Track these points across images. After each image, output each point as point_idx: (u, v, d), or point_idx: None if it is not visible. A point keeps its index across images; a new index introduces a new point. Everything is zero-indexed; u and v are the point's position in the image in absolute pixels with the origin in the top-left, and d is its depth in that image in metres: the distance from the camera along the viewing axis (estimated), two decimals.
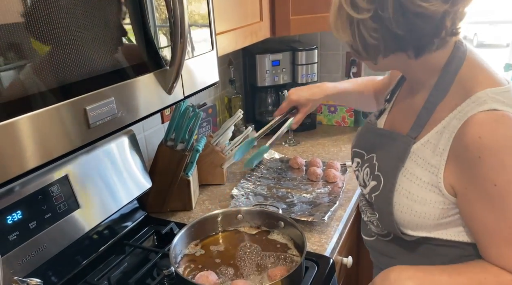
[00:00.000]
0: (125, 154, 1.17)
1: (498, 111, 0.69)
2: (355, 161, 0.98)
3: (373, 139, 0.92)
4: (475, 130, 0.69)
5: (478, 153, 0.69)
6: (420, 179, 0.78)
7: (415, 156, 0.80)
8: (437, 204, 0.78)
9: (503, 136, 0.68)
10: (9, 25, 0.55)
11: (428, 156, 0.77)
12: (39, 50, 0.59)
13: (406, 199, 0.80)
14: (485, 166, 0.69)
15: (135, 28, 0.76)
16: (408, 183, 0.80)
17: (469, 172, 0.71)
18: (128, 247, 1.15)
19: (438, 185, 0.76)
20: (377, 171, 0.86)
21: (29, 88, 0.58)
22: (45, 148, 0.62)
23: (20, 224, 0.87)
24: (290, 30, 1.55)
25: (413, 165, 0.80)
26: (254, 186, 1.48)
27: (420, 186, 0.79)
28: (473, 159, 0.69)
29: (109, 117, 0.70)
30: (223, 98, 1.93)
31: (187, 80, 0.91)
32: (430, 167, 0.77)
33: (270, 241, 1.08)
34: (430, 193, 0.78)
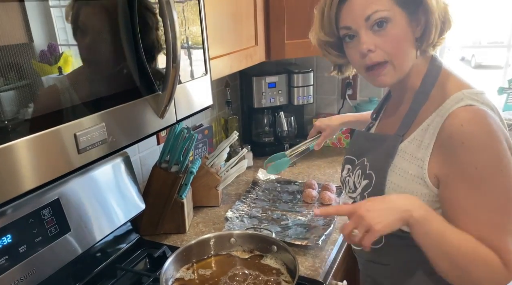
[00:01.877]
0: (118, 176, 1.17)
1: (474, 106, 0.78)
2: (346, 168, 1.01)
3: (364, 144, 0.98)
4: (457, 119, 0.77)
5: (461, 139, 0.75)
6: (407, 172, 0.84)
7: (403, 152, 0.86)
8: (423, 196, 0.82)
9: (482, 124, 0.75)
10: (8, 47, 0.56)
11: (414, 151, 0.84)
12: (39, 71, 0.60)
13: (394, 192, 0.85)
14: (467, 150, 0.75)
15: (127, 53, 0.78)
16: (397, 177, 0.85)
17: (451, 158, 0.77)
18: (120, 270, 1.13)
19: (423, 176, 0.81)
20: (369, 170, 0.90)
21: (19, 114, 0.59)
22: (34, 173, 0.62)
23: (9, 248, 0.86)
24: (285, 54, 1.57)
25: (401, 161, 0.86)
26: (249, 209, 1.47)
27: (407, 179, 0.84)
28: (456, 145, 0.76)
29: (99, 142, 0.71)
30: (220, 119, 1.94)
31: (180, 104, 0.92)
32: (416, 160, 0.83)
33: (263, 265, 1.06)
34: (416, 185, 0.83)
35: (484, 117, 0.76)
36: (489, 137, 0.75)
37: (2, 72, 0.56)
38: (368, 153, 0.94)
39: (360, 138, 1.02)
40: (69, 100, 0.66)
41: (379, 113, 1.06)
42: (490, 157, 0.75)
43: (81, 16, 0.67)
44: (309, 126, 2.13)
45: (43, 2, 0.61)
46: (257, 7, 1.46)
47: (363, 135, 1.02)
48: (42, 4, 0.61)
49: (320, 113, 2.15)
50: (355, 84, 2.03)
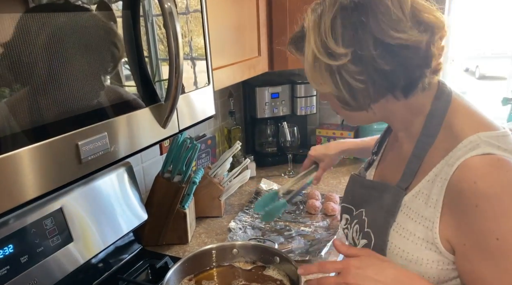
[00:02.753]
0: (121, 186, 1.17)
1: (492, 155, 0.63)
2: (344, 218, 0.89)
3: (362, 192, 0.85)
4: (470, 174, 0.62)
5: (475, 200, 0.61)
6: (414, 235, 0.70)
7: (407, 209, 0.72)
8: (435, 264, 0.68)
9: (501, 181, 0.61)
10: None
11: (420, 208, 0.70)
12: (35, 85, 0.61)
13: (400, 258, 0.71)
14: (484, 216, 0.61)
15: (130, 63, 0.78)
16: (401, 240, 0.71)
17: (466, 225, 0.63)
18: (122, 281, 1.13)
19: (434, 241, 0.68)
20: (367, 228, 0.78)
21: (21, 123, 0.59)
22: (36, 183, 0.62)
23: (11, 258, 0.86)
24: (287, 64, 1.58)
25: (405, 219, 0.72)
26: (252, 219, 1.46)
27: (415, 243, 0.70)
28: (470, 208, 0.62)
29: (101, 152, 0.71)
30: (223, 129, 1.95)
31: (183, 113, 0.93)
32: (424, 221, 0.69)
33: (265, 277, 1.05)
34: (426, 251, 0.68)
35: (506, 171, 0.61)
36: (510, 197, 0.60)
37: (7, 82, 0.57)
38: (366, 204, 0.81)
39: (357, 185, 0.89)
40: (71, 110, 0.66)
41: (381, 148, 0.92)
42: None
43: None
44: (312, 136, 2.13)
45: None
46: (260, 19, 1.47)
47: (359, 182, 0.88)
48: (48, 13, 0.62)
49: (324, 123, 2.15)
50: None
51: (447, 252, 0.67)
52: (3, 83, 0.56)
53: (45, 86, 0.62)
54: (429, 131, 0.72)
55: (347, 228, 0.87)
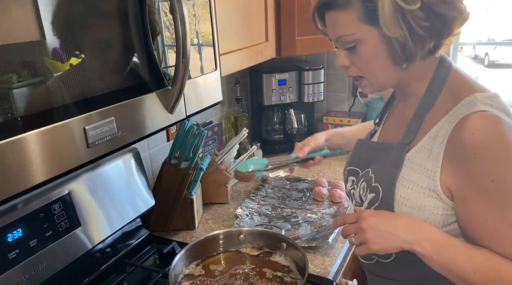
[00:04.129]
0: (128, 172, 1.17)
1: (487, 112, 0.72)
2: (350, 180, 0.96)
3: (367, 154, 0.92)
4: (469, 127, 0.71)
5: (473, 149, 0.70)
6: (417, 184, 0.78)
7: (411, 162, 0.80)
8: (436, 209, 0.77)
9: (495, 133, 0.70)
10: (22, 44, 0.56)
11: (423, 161, 0.78)
12: (51, 68, 0.60)
13: (405, 207, 0.80)
14: (481, 162, 0.70)
15: (138, 48, 0.77)
16: (406, 190, 0.80)
17: (465, 171, 0.72)
18: (129, 266, 1.14)
19: (435, 188, 0.76)
20: (374, 183, 0.85)
21: (29, 107, 0.59)
22: (44, 167, 0.62)
23: (20, 242, 0.87)
24: (295, 50, 1.56)
25: (410, 172, 0.80)
26: (258, 206, 1.47)
27: (418, 192, 0.78)
28: (469, 156, 0.71)
29: (109, 136, 0.71)
30: (230, 116, 1.94)
31: (190, 99, 0.92)
32: (426, 172, 0.77)
33: (272, 263, 1.06)
34: (428, 198, 0.77)
35: (498, 124, 0.70)
36: (504, 146, 0.69)
37: (15, 68, 0.56)
38: (372, 163, 0.88)
39: (363, 147, 0.96)
40: (79, 94, 0.66)
41: (382, 118, 1.00)
42: (507, 167, 0.69)
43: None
44: (319, 124, 2.12)
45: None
46: (268, 3, 1.45)
47: (365, 144, 0.96)
48: (54, 1, 0.61)
49: (331, 110, 2.13)
50: None
51: (447, 199, 0.76)
52: (10, 69, 0.56)
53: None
54: (431, 93, 0.81)
55: (353, 188, 0.93)
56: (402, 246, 0.75)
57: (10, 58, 0.56)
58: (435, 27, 0.74)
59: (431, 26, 0.74)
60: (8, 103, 0.56)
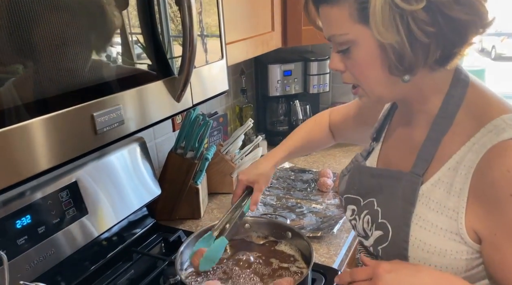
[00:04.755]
0: (135, 161, 1.18)
1: None
2: (349, 209, 0.84)
3: (369, 182, 0.79)
4: (501, 162, 0.59)
5: (509, 190, 0.59)
6: (436, 226, 0.67)
7: (426, 199, 0.68)
8: (460, 254, 0.66)
9: None
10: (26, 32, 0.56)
11: (442, 198, 0.67)
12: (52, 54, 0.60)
13: (422, 251, 0.68)
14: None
15: (145, 36, 0.77)
16: (422, 231, 0.68)
17: (498, 214, 0.61)
18: (136, 254, 1.15)
19: (458, 231, 0.65)
20: (382, 219, 0.74)
21: (37, 93, 0.59)
22: (53, 152, 0.62)
23: (28, 229, 0.88)
24: (301, 40, 1.55)
25: (425, 210, 0.68)
26: (263, 196, 1.47)
27: (437, 235, 0.67)
28: (503, 198, 0.60)
29: (116, 124, 0.71)
30: (235, 107, 1.94)
31: (196, 88, 0.92)
32: (447, 211, 0.66)
33: (277, 251, 1.06)
34: (450, 241, 0.66)
35: None
36: None
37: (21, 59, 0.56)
38: (377, 193, 0.76)
39: (363, 173, 0.82)
40: (87, 81, 0.66)
41: (381, 134, 0.86)
42: None
43: None
44: None
45: None
46: None
47: (366, 170, 0.82)
48: None
49: (336, 102, 2.12)
50: None
51: (473, 242, 0.65)
52: (17, 59, 0.56)
53: (61, 55, 0.61)
54: (447, 112, 0.68)
55: (355, 219, 0.82)
56: None
57: (16, 48, 0.55)
58: (443, 33, 0.60)
59: (438, 32, 0.60)
60: (15, 91, 0.57)
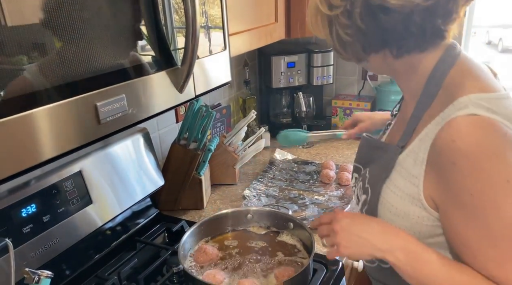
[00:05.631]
0: (138, 152, 1.19)
1: (478, 116, 0.62)
2: (354, 176, 0.92)
3: (368, 152, 0.87)
4: (449, 133, 0.63)
5: (452, 158, 0.63)
6: (403, 191, 0.72)
7: (400, 167, 0.74)
8: (421, 219, 0.71)
9: (479, 141, 0.61)
10: (31, 25, 0.57)
11: (410, 166, 0.71)
12: (56, 45, 0.61)
13: (389, 213, 0.75)
14: (458, 173, 0.62)
15: (148, 27, 0.78)
16: (391, 195, 0.74)
17: (444, 181, 0.65)
18: (139, 243, 1.16)
19: (419, 197, 0.70)
20: (367, 184, 0.81)
21: (42, 82, 0.60)
22: (57, 142, 0.63)
23: (34, 217, 0.89)
24: (305, 31, 1.54)
25: (397, 176, 0.74)
26: (266, 188, 1.48)
27: (403, 199, 0.72)
28: (447, 166, 0.64)
29: (119, 114, 0.72)
30: (238, 99, 1.94)
31: (199, 79, 0.92)
32: (412, 178, 0.71)
33: (279, 242, 1.07)
34: (413, 206, 0.71)
35: (486, 131, 0.62)
36: (487, 157, 0.61)
37: (25, 50, 0.57)
38: (371, 163, 0.83)
39: (365, 145, 0.91)
40: (90, 71, 0.66)
41: (398, 110, 0.93)
42: (487, 181, 0.61)
43: None
44: (328, 107, 2.11)
45: None
46: None
47: (367, 142, 0.90)
48: None
49: (340, 94, 2.12)
50: None
51: (431, 209, 0.69)
52: (21, 51, 0.56)
53: (67, 46, 0.62)
54: (429, 92, 0.72)
55: (355, 186, 0.89)
56: (373, 254, 0.70)
57: (20, 40, 0.56)
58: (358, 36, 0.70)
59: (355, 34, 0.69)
60: (22, 80, 0.57)
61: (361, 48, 0.71)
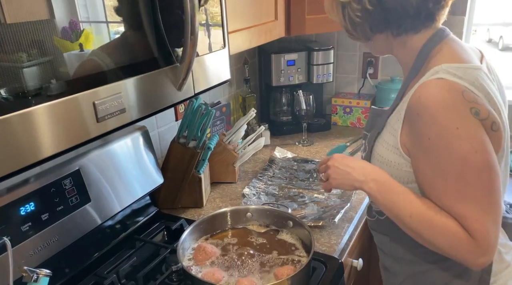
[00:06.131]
0: (137, 150, 1.19)
1: (443, 79, 0.76)
2: (363, 143, 1.05)
3: (373, 120, 1.01)
4: (418, 92, 0.78)
5: (417, 110, 0.77)
6: (387, 142, 0.88)
7: (388, 124, 0.89)
8: (400, 166, 0.85)
9: (438, 96, 0.75)
10: (31, 23, 0.57)
11: (394, 122, 0.87)
12: (60, 47, 0.61)
13: (377, 162, 0.90)
14: (421, 122, 0.77)
15: (146, 24, 0.77)
16: (380, 147, 0.90)
17: (412, 130, 0.80)
18: (138, 241, 1.16)
19: (397, 146, 0.85)
20: (366, 143, 0.97)
21: (39, 82, 0.60)
22: (55, 140, 0.63)
23: (32, 216, 0.89)
24: (305, 29, 1.54)
25: (386, 132, 0.90)
26: (265, 186, 1.48)
27: (387, 149, 0.88)
28: (414, 117, 0.78)
29: (118, 112, 0.71)
30: (238, 97, 1.93)
31: (198, 77, 0.92)
32: (394, 131, 0.86)
33: (279, 240, 1.07)
34: (394, 154, 0.86)
35: (447, 90, 0.75)
36: (442, 108, 0.75)
37: (25, 47, 0.57)
38: (373, 128, 0.98)
39: (371, 115, 1.05)
40: (88, 69, 0.66)
41: None
42: (442, 128, 0.75)
43: None
44: (328, 106, 2.10)
45: None
46: None
47: (373, 111, 1.05)
48: None
49: (340, 92, 2.12)
50: (376, 62, 1.98)
51: (406, 156, 0.84)
52: (20, 49, 0.56)
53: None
54: (416, 64, 0.87)
55: (362, 151, 1.03)
56: (354, 184, 0.88)
57: (20, 37, 0.56)
58: (368, 18, 0.84)
59: (364, 16, 0.84)
60: (18, 79, 0.57)
61: (369, 28, 0.87)
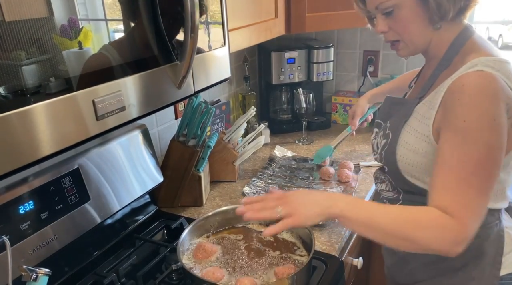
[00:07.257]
0: (137, 148, 1.18)
1: (484, 71, 0.80)
2: (374, 131, 1.08)
3: (389, 109, 1.04)
4: (460, 81, 0.81)
5: (458, 95, 0.80)
6: (416, 130, 0.90)
7: (416, 113, 0.92)
8: (427, 154, 0.88)
9: (482, 86, 0.79)
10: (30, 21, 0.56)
11: (425, 112, 0.89)
12: (59, 45, 0.60)
13: (404, 149, 0.92)
14: (460, 105, 0.79)
15: (146, 22, 0.77)
16: (408, 135, 0.92)
17: (448, 111, 0.82)
18: (138, 240, 1.16)
19: (428, 134, 0.87)
20: (388, 130, 0.98)
21: (37, 79, 0.59)
22: (54, 138, 0.62)
23: (32, 214, 0.89)
24: (305, 27, 1.53)
25: (414, 121, 0.92)
26: (265, 185, 1.47)
27: (416, 137, 0.90)
28: (454, 101, 0.81)
29: (117, 110, 0.71)
30: (237, 95, 1.93)
31: (198, 75, 0.91)
32: (424, 119, 0.88)
33: (279, 239, 1.07)
34: (422, 142, 0.88)
35: (487, 80, 0.79)
36: (485, 97, 0.78)
37: (23, 45, 0.56)
38: (391, 116, 1.00)
39: (387, 103, 1.08)
40: (88, 67, 0.66)
41: (414, 83, 1.10)
42: (480, 114, 0.77)
43: None
44: (328, 104, 2.10)
45: None
46: None
47: (389, 100, 1.07)
48: None
49: (340, 90, 2.11)
50: (376, 61, 1.98)
51: (435, 142, 0.86)
52: (19, 47, 0.56)
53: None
54: (448, 56, 0.91)
55: (375, 138, 1.05)
56: (322, 212, 0.82)
57: (18, 35, 0.55)
58: None
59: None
60: (17, 77, 0.57)
61: (453, 5, 0.87)
